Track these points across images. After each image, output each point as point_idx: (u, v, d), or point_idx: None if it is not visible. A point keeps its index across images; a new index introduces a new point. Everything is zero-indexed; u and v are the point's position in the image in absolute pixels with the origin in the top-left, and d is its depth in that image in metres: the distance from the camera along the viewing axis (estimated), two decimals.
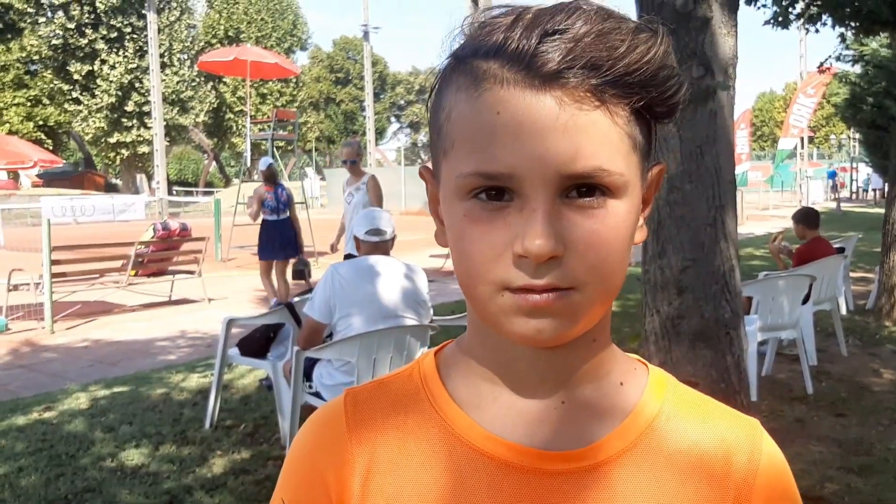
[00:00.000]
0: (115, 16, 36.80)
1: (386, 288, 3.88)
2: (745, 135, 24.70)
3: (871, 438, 4.38)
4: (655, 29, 0.59)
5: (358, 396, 0.71)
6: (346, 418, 0.69)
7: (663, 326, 3.11)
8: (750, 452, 0.68)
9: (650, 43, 0.57)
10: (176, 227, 10.06)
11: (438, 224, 0.67)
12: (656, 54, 0.57)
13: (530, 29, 0.57)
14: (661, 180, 0.68)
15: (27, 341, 7.67)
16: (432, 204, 0.68)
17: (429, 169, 0.68)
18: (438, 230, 0.67)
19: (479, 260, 0.59)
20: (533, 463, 0.64)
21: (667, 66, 0.58)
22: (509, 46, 0.57)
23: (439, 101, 0.63)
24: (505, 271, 0.58)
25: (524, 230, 0.56)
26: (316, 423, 0.72)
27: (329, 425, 0.70)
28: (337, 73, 61.29)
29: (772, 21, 8.02)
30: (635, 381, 0.69)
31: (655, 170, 0.66)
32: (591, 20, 0.57)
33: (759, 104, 64.83)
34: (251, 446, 4.33)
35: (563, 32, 0.56)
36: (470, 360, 0.68)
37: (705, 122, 2.98)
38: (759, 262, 12.12)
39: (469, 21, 0.62)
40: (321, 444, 0.69)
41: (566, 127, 0.55)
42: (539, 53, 0.56)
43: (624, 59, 0.56)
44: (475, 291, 0.60)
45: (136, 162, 41.35)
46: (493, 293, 0.59)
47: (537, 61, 0.56)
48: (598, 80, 0.56)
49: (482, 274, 0.59)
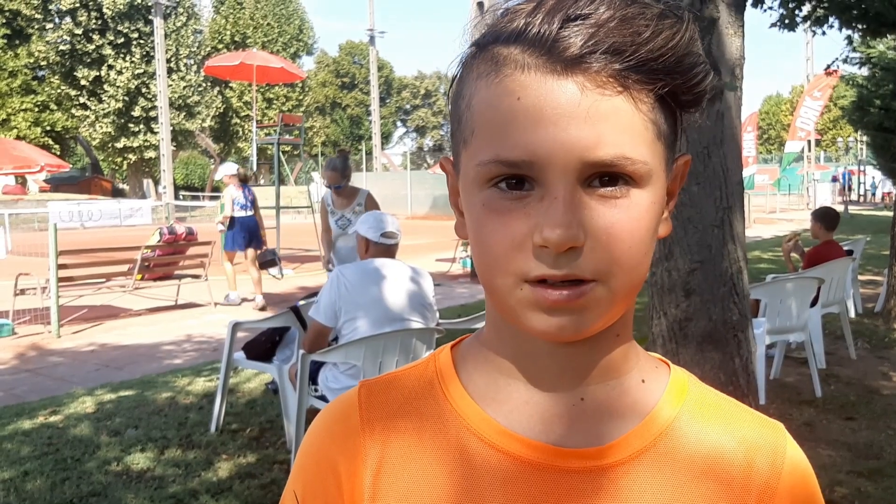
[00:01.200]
0: (122, 21, 36.96)
1: (392, 291, 3.87)
2: (751, 137, 24.67)
3: (880, 442, 4.34)
4: (681, 15, 0.58)
5: (372, 389, 0.70)
6: (360, 411, 0.68)
7: (671, 329, 3.09)
8: (773, 456, 0.66)
9: (675, 28, 0.56)
10: (182, 231, 10.10)
11: (458, 216, 0.66)
12: (681, 40, 0.56)
13: (552, 14, 0.56)
14: (686, 173, 0.67)
15: (34, 345, 7.68)
16: (452, 196, 0.67)
17: (449, 160, 0.67)
18: (458, 222, 0.66)
19: (498, 251, 0.58)
20: (548, 460, 0.63)
21: (692, 52, 0.57)
22: (530, 31, 0.56)
23: (459, 90, 0.62)
24: (525, 262, 0.56)
25: (544, 219, 0.55)
26: (329, 415, 0.71)
27: (342, 417, 0.69)
28: (343, 77, 61.46)
29: (778, 23, 7.99)
30: (657, 380, 0.68)
31: (681, 161, 0.65)
32: (615, 5, 0.56)
33: (766, 107, 64.70)
34: (257, 450, 4.32)
35: (585, 17, 0.55)
36: (488, 353, 0.67)
37: (712, 123, 2.96)
38: (767, 265, 12.08)
39: (492, 10, 0.61)
40: (334, 436, 0.69)
41: (588, 113, 0.55)
42: (561, 38, 0.55)
43: (648, 44, 0.55)
44: (494, 283, 0.59)
45: (142, 167, 41.52)
46: (512, 286, 0.58)
47: (559, 46, 0.55)
48: (622, 66, 0.55)
49: (501, 265, 0.58)
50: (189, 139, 43.02)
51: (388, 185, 33.33)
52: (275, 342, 4.77)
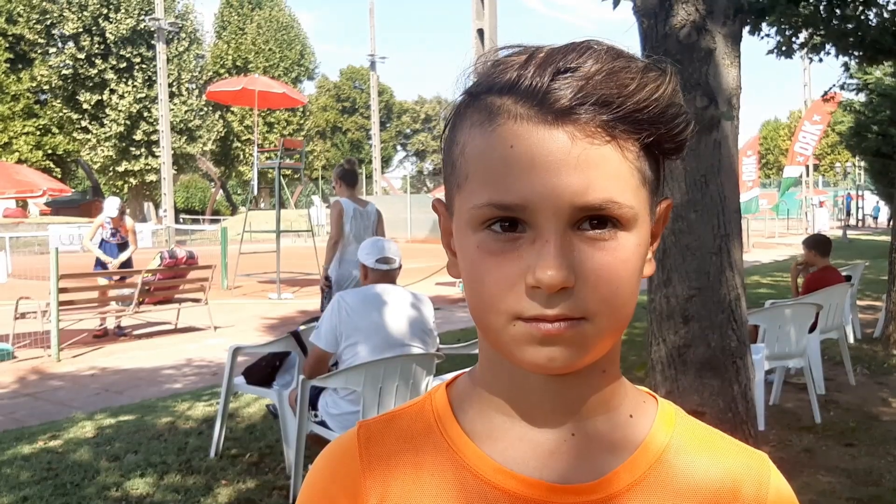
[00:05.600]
0: (125, 46, 37.26)
1: (392, 317, 3.88)
2: (752, 161, 24.73)
3: (880, 469, 4.33)
4: (664, 68, 0.61)
5: (371, 430, 0.71)
6: (360, 452, 0.70)
7: (669, 355, 3.10)
8: (758, 485, 0.68)
9: (659, 81, 0.59)
10: (183, 255, 10.11)
11: (451, 256, 0.68)
12: (665, 92, 0.59)
13: (543, 67, 0.58)
14: (668, 215, 0.69)
15: (34, 369, 7.66)
16: (445, 237, 0.69)
17: (442, 202, 0.69)
18: (451, 262, 0.68)
19: (491, 290, 0.59)
20: (543, 496, 0.64)
21: (675, 103, 0.60)
22: (523, 83, 0.58)
23: (453, 137, 0.64)
24: (517, 301, 0.58)
25: (536, 261, 0.57)
26: (330, 455, 0.73)
27: (343, 458, 0.71)
28: (343, 102, 61.81)
29: (775, 50, 8.07)
30: (644, 414, 0.70)
31: (663, 205, 0.68)
32: (602, 59, 0.58)
33: (764, 132, 64.99)
34: (256, 476, 4.31)
35: (574, 70, 0.58)
36: (482, 391, 0.69)
37: (710, 152, 3.00)
38: (766, 291, 12.09)
39: (482, 60, 0.64)
40: (335, 477, 0.70)
41: (578, 161, 0.57)
42: (552, 90, 0.57)
43: (634, 96, 0.57)
44: (487, 321, 0.61)
45: (143, 190, 41.62)
46: (505, 323, 0.60)
47: (550, 98, 0.57)
48: (609, 116, 0.57)
49: (495, 304, 0.60)
50: (190, 163, 43.18)
51: (388, 209, 33.29)
52: (275, 367, 4.77)
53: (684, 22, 2.93)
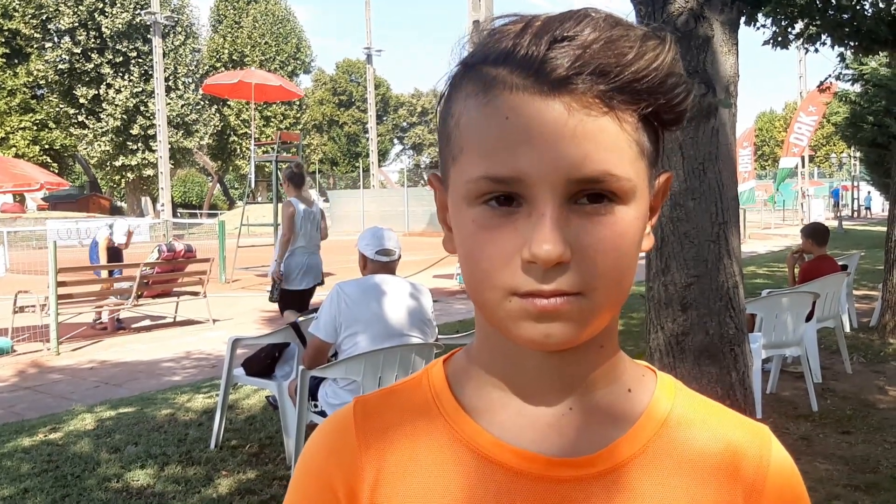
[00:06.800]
0: (121, 40, 37.18)
1: (391, 307, 3.89)
2: (748, 153, 24.78)
3: (877, 456, 4.36)
4: (663, 37, 0.59)
5: (367, 405, 0.70)
6: (356, 427, 0.69)
7: (668, 343, 3.12)
8: (759, 458, 0.67)
9: (658, 50, 0.57)
10: (181, 248, 10.11)
11: (446, 231, 0.67)
12: (664, 61, 0.57)
13: (539, 36, 0.56)
14: (668, 188, 0.68)
15: (33, 363, 7.68)
16: (440, 211, 0.68)
17: (437, 176, 0.68)
18: (446, 237, 0.67)
19: (487, 266, 0.58)
20: (541, 470, 0.63)
21: (674, 73, 0.58)
22: (519, 53, 0.57)
23: (448, 108, 0.62)
24: (513, 277, 0.57)
25: (532, 235, 0.56)
26: (325, 431, 0.72)
27: (338, 434, 0.70)
28: (340, 95, 61.69)
29: (771, 41, 8.06)
30: (644, 387, 0.69)
31: (663, 178, 0.67)
32: (600, 27, 0.57)
33: (760, 124, 65.02)
34: (256, 466, 4.33)
35: (571, 39, 0.56)
36: (479, 367, 0.68)
37: (707, 140, 3.01)
38: (763, 280, 12.13)
39: (478, 29, 0.62)
40: (330, 452, 0.69)
41: (575, 132, 0.55)
42: (548, 59, 0.56)
43: (632, 65, 0.56)
44: (483, 297, 0.60)
45: (140, 185, 41.57)
46: (501, 299, 0.58)
47: (546, 67, 0.56)
48: (607, 87, 0.56)
49: (490, 279, 0.58)
50: (187, 157, 43.13)
51: (385, 202, 33.40)
52: (274, 358, 4.78)
53: (682, 9, 2.93)
